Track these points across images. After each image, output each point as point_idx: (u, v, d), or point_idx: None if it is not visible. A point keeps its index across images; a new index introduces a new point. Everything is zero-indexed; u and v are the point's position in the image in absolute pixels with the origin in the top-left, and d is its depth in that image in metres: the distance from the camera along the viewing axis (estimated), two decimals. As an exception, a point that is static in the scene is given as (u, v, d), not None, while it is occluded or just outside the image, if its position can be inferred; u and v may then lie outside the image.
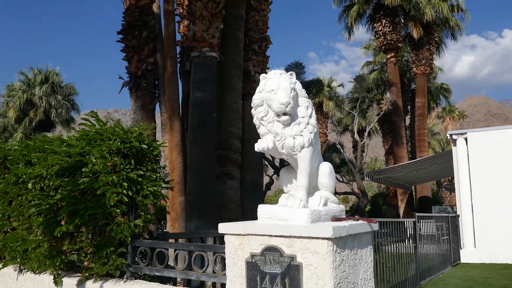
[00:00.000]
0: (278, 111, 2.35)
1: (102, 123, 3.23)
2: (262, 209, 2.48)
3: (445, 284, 9.50)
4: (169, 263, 3.03)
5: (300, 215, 2.32)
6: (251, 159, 12.06)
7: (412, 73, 23.52)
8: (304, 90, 2.53)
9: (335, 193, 16.33)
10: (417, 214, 9.53)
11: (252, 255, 2.38)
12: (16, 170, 3.62)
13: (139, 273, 3.06)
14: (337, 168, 17.05)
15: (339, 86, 34.41)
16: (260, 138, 2.53)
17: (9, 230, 3.84)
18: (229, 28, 11.50)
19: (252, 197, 11.79)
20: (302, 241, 2.24)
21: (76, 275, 3.33)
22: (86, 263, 3.15)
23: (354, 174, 16.19)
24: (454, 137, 13.48)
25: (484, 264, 12.30)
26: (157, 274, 2.92)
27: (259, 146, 2.44)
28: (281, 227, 2.30)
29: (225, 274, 2.57)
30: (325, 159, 16.37)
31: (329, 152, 17.19)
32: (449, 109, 46.94)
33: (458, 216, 13.35)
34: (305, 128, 2.41)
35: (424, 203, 21.80)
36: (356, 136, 17.50)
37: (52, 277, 3.34)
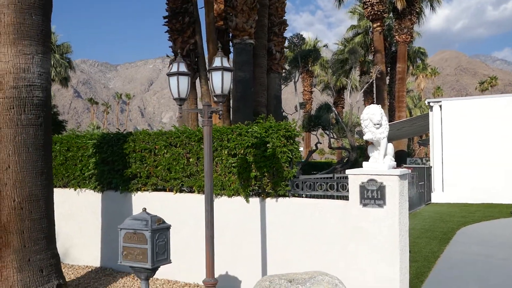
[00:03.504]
0: (376, 122, 5.89)
1: (271, 121, 6.66)
2: (365, 164, 6.09)
3: (422, 216, 13.65)
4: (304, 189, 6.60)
5: (384, 166, 5.95)
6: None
7: (395, 41, 27.19)
8: (384, 112, 6.06)
9: (330, 147, 20.28)
10: (403, 165, 13.56)
11: (362, 182, 5.99)
12: (213, 144, 7.02)
13: (296, 194, 6.63)
14: (331, 126, 20.77)
15: (324, 46, 37.74)
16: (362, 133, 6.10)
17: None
18: (258, 16, 14.57)
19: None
20: (386, 176, 5.86)
21: (254, 198, 6.87)
22: (266, 190, 6.68)
23: (346, 132, 19.95)
24: (431, 104, 17.43)
25: (449, 203, 16.70)
26: (307, 193, 6.50)
27: (366, 137, 6.02)
28: (376, 170, 5.91)
29: (346, 191, 6.19)
30: (320, 118, 20.14)
31: (322, 111, 20.77)
32: (422, 67, 50.95)
33: (431, 167, 17.57)
34: (385, 129, 5.98)
35: (400, 156, 26.36)
36: (348, 99, 21.13)
37: (241, 199, 6.89)
